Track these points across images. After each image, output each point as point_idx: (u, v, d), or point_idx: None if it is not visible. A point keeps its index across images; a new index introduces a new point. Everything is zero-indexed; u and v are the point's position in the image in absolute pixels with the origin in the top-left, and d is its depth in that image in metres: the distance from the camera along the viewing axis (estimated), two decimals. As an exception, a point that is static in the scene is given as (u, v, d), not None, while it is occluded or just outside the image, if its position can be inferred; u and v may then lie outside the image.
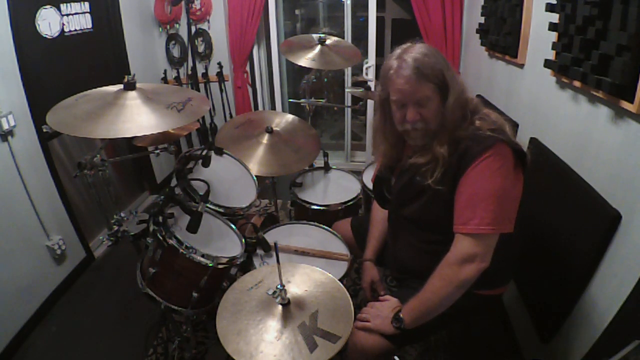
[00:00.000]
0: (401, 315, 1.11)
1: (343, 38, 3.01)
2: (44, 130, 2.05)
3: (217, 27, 3.17)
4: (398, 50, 1.08)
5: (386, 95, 1.11)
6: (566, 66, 1.26)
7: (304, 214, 1.91)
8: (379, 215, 1.46)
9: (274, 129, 1.97)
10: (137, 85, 1.29)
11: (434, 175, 1.05)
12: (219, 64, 3.28)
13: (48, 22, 2.12)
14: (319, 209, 1.87)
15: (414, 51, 1.05)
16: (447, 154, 1.04)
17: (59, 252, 2.10)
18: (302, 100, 2.41)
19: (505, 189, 1.01)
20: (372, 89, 2.90)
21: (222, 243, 1.45)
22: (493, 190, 0.99)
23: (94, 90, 1.33)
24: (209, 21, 3.15)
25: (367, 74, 3.30)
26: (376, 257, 1.45)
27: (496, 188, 1.00)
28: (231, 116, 3.46)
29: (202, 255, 1.28)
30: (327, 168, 2.18)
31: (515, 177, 1.04)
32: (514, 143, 1.03)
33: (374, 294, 1.40)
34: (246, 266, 1.45)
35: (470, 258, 1.01)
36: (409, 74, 1.02)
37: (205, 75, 3.33)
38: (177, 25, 3.17)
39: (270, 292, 1.00)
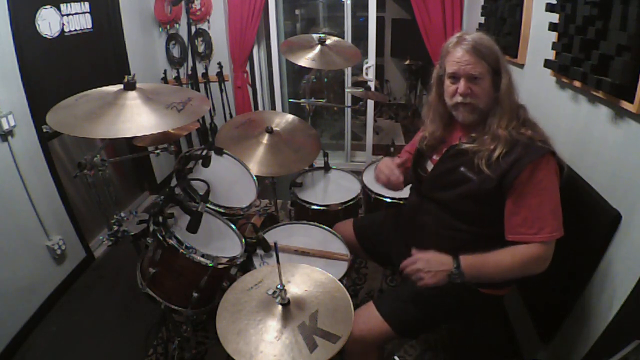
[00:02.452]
0: (463, 270, 1.09)
1: (343, 38, 3.01)
2: (44, 130, 2.05)
3: (217, 27, 3.17)
4: (458, 34, 1.15)
5: (442, 72, 1.17)
6: (566, 66, 1.26)
7: (304, 214, 1.91)
8: None
9: (274, 129, 1.97)
10: (137, 85, 1.29)
11: (492, 156, 1.07)
12: (219, 64, 3.28)
13: (48, 22, 2.12)
14: (319, 209, 1.87)
15: (474, 34, 1.13)
16: (509, 136, 1.08)
17: (59, 252, 2.10)
18: (302, 100, 2.41)
19: (559, 197, 1.08)
20: (372, 89, 2.91)
21: (222, 243, 1.45)
22: (555, 200, 1.07)
23: (94, 90, 1.33)
24: (209, 21, 3.15)
25: (367, 74, 3.30)
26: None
27: (555, 197, 1.07)
28: (231, 116, 3.46)
29: (202, 255, 1.28)
30: (327, 168, 2.17)
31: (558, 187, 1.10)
32: (557, 156, 1.09)
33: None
34: (246, 266, 1.45)
35: (545, 261, 1.09)
36: (466, 48, 1.09)
37: (205, 75, 3.33)
38: (177, 25, 3.17)
39: (270, 292, 1.00)
